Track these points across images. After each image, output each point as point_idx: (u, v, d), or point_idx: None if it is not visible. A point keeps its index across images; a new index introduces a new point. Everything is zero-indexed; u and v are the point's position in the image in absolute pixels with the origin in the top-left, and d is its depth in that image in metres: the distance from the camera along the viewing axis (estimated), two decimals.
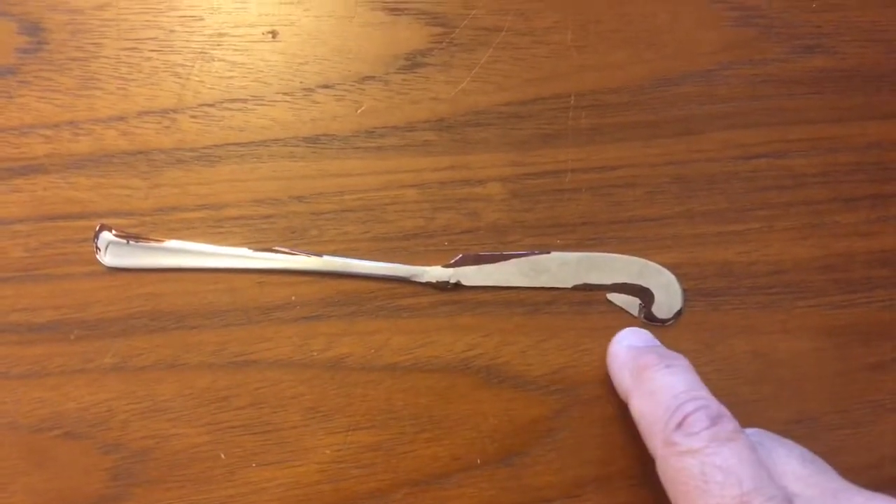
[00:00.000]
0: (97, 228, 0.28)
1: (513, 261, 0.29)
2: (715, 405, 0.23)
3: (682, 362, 0.25)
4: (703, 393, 0.24)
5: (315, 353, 0.29)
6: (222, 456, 0.28)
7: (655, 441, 0.23)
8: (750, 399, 0.29)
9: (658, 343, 0.28)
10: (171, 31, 0.29)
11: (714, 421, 0.22)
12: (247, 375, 0.29)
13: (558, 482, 0.29)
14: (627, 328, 0.28)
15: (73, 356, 0.28)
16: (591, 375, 0.29)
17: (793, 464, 0.24)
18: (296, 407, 0.29)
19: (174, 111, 0.29)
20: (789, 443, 0.25)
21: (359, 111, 0.29)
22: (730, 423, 0.23)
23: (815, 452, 0.29)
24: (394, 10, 0.30)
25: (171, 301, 0.29)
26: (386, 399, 0.29)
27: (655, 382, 0.24)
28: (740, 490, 0.21)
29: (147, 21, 0.29)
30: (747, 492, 0.21)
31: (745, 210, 0.30)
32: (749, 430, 0.25)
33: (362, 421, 0.29)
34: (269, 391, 0.29)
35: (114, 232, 0.28)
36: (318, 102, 0.29)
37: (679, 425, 0.22)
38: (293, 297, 0.29)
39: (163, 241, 0.28)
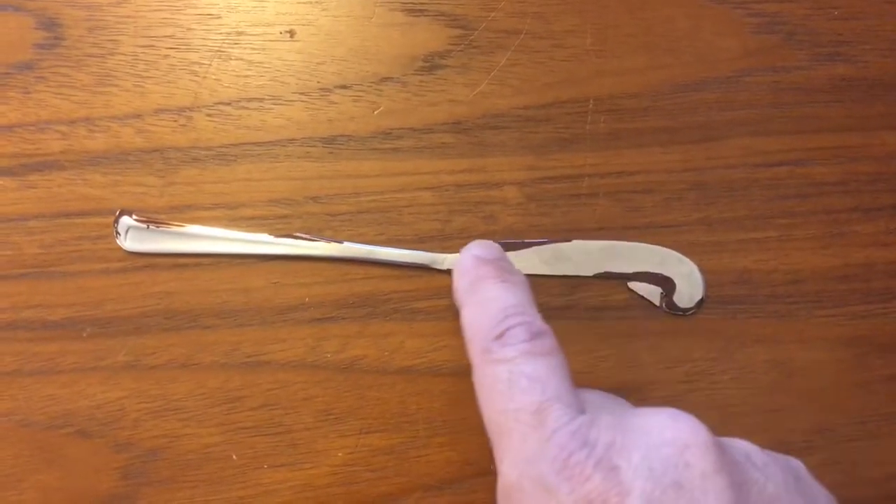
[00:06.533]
0: (117, 213, 0.28)
1: (534, 248, 0.29)
2: (539, 323, 0.23)
3: (518, 279, 0.25)
4: (531, 311, 0.23)
5: (328, 355, 0.29)
6: (234, 457, 0.28)
7: (474, 348, 0.23)
8: (766, 408, 0.29)
9: (505, 257, 0.27)
10: (189, 29, 0.29)
11: (533, 336, 0.22)
12: (260, 376, 0.28)
13: None
14: (479, 240, 0.27)
15: (87, 354, 0.28)
16: (606, 381, 0.29)
17: (592, 394, 0.24)
18: (308, 409, 0.28)
19: (190, 109, 0.29)
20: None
21: (376, 112, 0.29)
22: (548, 341, 0.22)
23: (832, 463, 0.29)
24: (413, 12, 0.29)
25: (185, 300, 0.28)
26: (399, 402, 0.29)
27: (487, 293, 0.24)
28: (541, 397, 0.21)
29: (164, 18, 0.29)
30: (547, 399, 0.21)
31: (764, 218, 0.29)
32: None
33: (375, 424, 0.28)
34: (282, 392, 0.28)
35: (134, 217, 0.28)
36: (335, 103, 0.29)
37: (499, 336, 0.22)
38: (307, 299, 0.29)
39: (183, 225, 0.28)
